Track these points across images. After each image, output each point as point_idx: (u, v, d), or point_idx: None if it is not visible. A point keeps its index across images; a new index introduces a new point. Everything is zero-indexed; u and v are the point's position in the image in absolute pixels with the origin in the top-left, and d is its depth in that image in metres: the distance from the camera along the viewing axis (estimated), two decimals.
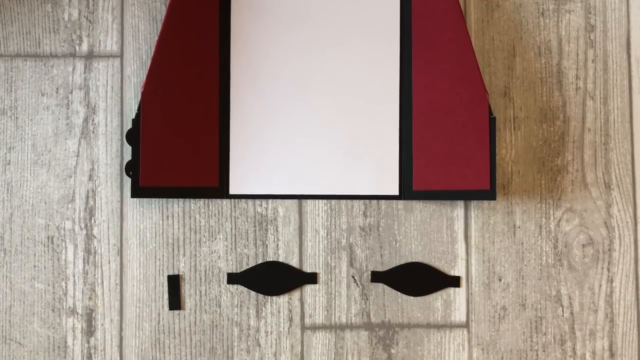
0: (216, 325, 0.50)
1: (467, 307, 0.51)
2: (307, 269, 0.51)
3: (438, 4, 0.50)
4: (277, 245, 0.51)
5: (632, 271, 0.51)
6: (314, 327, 0.50)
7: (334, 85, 0.51)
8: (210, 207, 0.51)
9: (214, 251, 0.51)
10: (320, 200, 0.51)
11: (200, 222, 0.51)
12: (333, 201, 0.51)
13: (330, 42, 0.51)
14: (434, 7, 0.50)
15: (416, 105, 0.50)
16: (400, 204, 0.51)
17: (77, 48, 0.52)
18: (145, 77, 0.49)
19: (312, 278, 0.51)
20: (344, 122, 0.51)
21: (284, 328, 0.50)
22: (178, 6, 0.50)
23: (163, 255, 0.51)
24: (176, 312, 0.50)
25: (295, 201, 0.51)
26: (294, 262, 0.51)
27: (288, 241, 0.51)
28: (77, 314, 0.50)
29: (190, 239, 0.51)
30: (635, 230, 0.52)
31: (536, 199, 0.51)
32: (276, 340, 0.50)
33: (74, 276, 0.50)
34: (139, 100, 0.50)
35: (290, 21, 0.51)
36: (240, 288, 0.50)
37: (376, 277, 0.51)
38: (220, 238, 0.51)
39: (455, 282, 0.51)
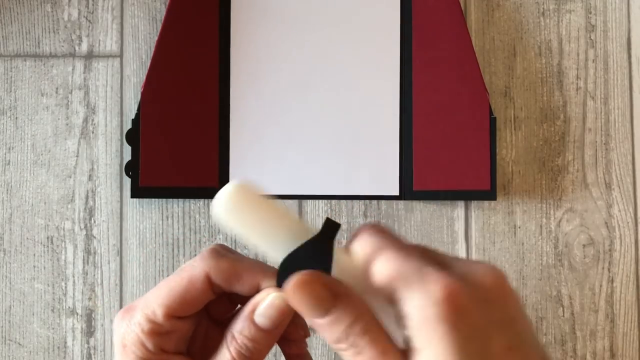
0: None
1: None
2: None
3: (438, 4, 0.50)
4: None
5: (633, 271, 0.51)
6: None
7: (334, 85, 0.51)
8: (210, 207, 0.51)
9: None
10: (320, 200, 0.51)
11: (200, 222, 0.51)
12: (333, 201, 0.51)
13: (330, 42, 0.51)
14: (434, 7, 0.50)
15: (416, 105, 0.50)
16: (401, 204, 0.51)
17: (77, 48, 0.52)
18: (145, 77, 0.49)
19: None
20: (344, 122, 0.51)
21: None
22: (178, 6, 0.50)
23: (163, 256, 0.51)
24: None
25: (295, 201, 0.51)
26: None
27: None
28: (77, 314, 0.50)
29: (190, 239, 0.51)
30: (636, 230, 0.51)
31: (537, 199, 0.51)
32: None
33: (73, 276, 0.50)
34: (139, 100, 0.49)
35: (290, 21, 0.51)
36: None
37: None
38: (220, 238, 0.51)
39: None
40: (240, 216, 0.28)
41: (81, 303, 0.50)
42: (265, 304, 0.28)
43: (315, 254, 0.28)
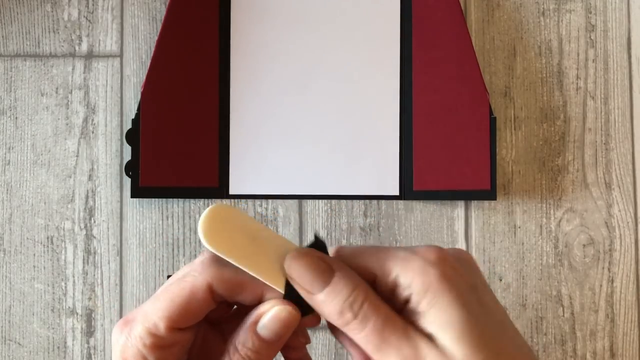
0: None
1: None
2: None
3: (438, 4, 0.50)
4: None
5: (633, 271, 0.51)
6: (314, 328, 0.50)
7: (334, 85, 0.51)
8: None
9: None
10: (320, 200, 0.51)
11: None
12: (333, 201, 0.51)
13: (330, 42, 0.51)
14: (434, 7, 0.50)
15: (416, 105, 0.50)
16: (401, 204, 0.51)
17: (77, 48, 0.52)
18: (145, 77, 0.49)
19: None
20: (344, 122, 0.51)
21: None
22: (178, 6, 0.50)
23: (163, 256, 0.51)
24: None
25: (295, 201, 0.51)
26: None
27: None
28: (77, 314, 0.50)
29: (190, 239, 0.51)
30: (636, 230, 0.51)
31: (537, 199, 0.51)
32: None
33: (73, 276, 0.50)
34: (139, 100, 0.49)
35: (290, 21, 0.51)
36: None
37: None
38: None
39: None
40: (224, 239, 0.28)
41: (81, 303, 0.50)
42: (269, 316, 0.28)
43: None
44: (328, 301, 0.26)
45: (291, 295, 0.28)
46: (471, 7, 0.52)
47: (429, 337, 0.25)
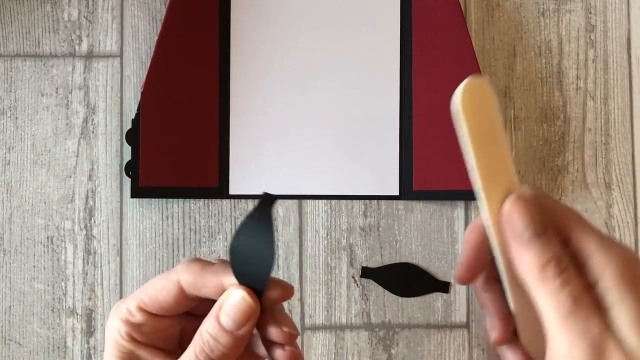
0: None
1: (468, 307, 0.51)
2: (307, 269, 0.51)
3: (438, 4, 0.50)
4: (277, 245, 0.51)
5: None
6: (314, 328, 0.50)
7: (334, 85, 0.51)
8: (210, 207, 0.51)
9: (214, 251, 0.51)
10: (320, 201, 0.51)
11: (200, 222, 0.51)
12: (333, 201, 0.51)
13: (330, 42, 0.51)
14: (434, 7, 0.50)
15: (416, 105, 0.50)
16: (401, 204, 0.51)
17: (77, 48, 0.52)
18: (145, 77, 0.49)
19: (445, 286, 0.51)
20: (344, 122, 0.51)
21: None
22: (178, 6, 0.50)
23: (163, 256, 0.51)
24: None
25: (295, 201, 0.51)
26: (294, 262, 0.51)
27: (288, 241, 0.51)
28: (77, 314, 0.50)
29: (190, 239, 0.51)
30: (636, 230, 0.51)
31: None
32: None
33: (73, 276, 0.50)
34: (139, 100, 0.50)
35: (290, 21, 0.51)
36: None
37: (366, 272, 0.50)
38: (220, 238, 0.51)
39: (444, 287, 0.51)
40: (469, 115, 0.27)
41: (81, 303, 0.50)
42: (228, 303, 0.30)
43: (257, 229, 0.30)
44: (535, 250, 0.26)
45: (239, 271, 0.30)
46: (471, 7, 0.52)
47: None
